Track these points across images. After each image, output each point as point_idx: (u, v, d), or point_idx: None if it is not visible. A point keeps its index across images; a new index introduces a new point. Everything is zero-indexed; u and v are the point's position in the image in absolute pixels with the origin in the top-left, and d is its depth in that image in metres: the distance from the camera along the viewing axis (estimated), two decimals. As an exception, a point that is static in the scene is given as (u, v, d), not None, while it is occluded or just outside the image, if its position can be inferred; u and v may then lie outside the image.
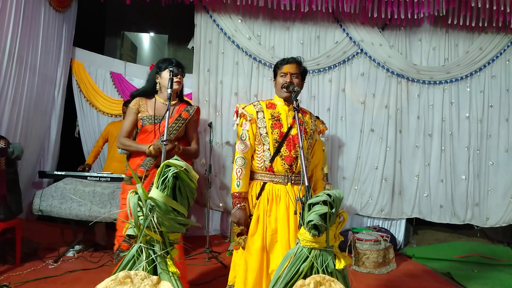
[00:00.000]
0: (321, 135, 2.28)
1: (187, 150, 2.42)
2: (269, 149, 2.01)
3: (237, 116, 2.13)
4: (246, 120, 2.08)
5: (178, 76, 2.35)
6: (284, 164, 1.99)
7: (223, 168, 4.80)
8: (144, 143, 2.32)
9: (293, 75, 2.09)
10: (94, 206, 3.31)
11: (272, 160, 1.99)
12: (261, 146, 2.04)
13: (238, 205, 1.99)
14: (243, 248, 1.99)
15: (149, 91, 2.42)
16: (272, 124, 2.04)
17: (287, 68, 2.09)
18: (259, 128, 2.05)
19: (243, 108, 2.11)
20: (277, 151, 1.99)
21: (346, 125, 4.76)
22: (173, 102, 2.42)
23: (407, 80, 4.75)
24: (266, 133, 2.03)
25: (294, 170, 2.00)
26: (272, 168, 2.00)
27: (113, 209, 3.28)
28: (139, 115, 2.36)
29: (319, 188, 2.17)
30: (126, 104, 4.01)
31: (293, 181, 2.01)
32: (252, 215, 2.00)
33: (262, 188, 2.01)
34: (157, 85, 2.40)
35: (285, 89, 2.04)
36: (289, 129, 2.04)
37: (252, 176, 2.08)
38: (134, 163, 2.32)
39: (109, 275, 1.23)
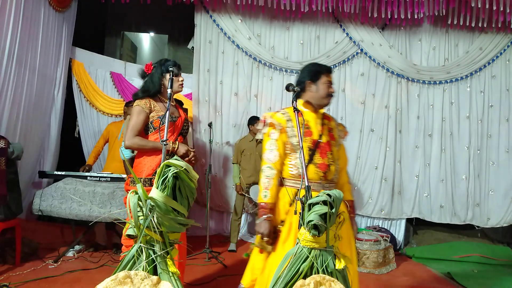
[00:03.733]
0: (342, 139, 2.25)
1: None
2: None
3: (264, 125, 2.05)
4: (275, 129, 2.00)
5: (180, 79, 2.35)
6: (319, 171, 1.95)
7: (223, 168, 4.80)
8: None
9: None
10: (94, 206, 3.31)
11: (306, 168, 1.93)
12: (293, 154, 1.99)
13: (264, 216, 1.90)
14: (269, 253, 1.96)
15: (155, 92, 2.36)
16: (303, 132, 1.97)
17: (330, 77, 2.06)
18: (290, 137, 2.00)
19: (271, 117, 2.03)
20: (310, 159, 1.96)
21: (346, 125, 4.72)
22: (173, 103, 2.45)
23: (407, 80, 4.75)
24: (298, 142, 1.96)
25: (327, 177, 1.98)
26: (306, 176, 1.94)
27: (113, 209, 3.28)
28: (153, 114, 2.31)
29: (346, 191, 2.13)
30: (127, 104, 4.00)
31: (326, 188, 1.97)
32: (284, 222, 1.96)
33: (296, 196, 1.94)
34: (163, 86, 2.36)
35: (330, 97, 2.03)
36: (320, 136, 2.01)
37: (283, 183, 2.01)
38: (149, 167, 2.25)
39: (109, 275, 1.23)
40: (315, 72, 2.06)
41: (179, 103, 2.59)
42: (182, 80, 2.38)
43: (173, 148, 2.26)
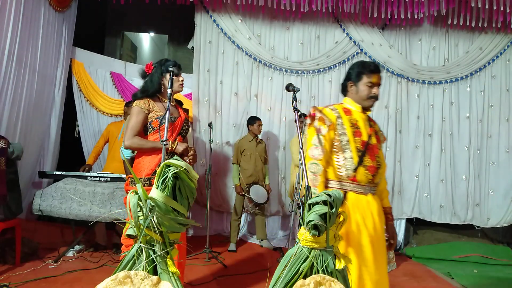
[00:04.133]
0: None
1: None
2: (352, 158, 1.89)
3: (313, 119, 1.97)
4: (325, 125, 1.92)
5: (181, 79, 2.34)
6: (368, 174, 1.89)
7: (223, 168, 4.80)
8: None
9: (378, 86, 1.99)
10: (94, 206, 3.31)
11: (355, 169, 1.89)
12: (341, 154, 1.91)
13: None
14: None
15: (154, 92, 2.35)
16: (353, 131, 1.93)
17: (376, 78, 1.96)
18: (340, 135, 1.92)
19: (320, 111, 1.95)
20: (361, 161, 1.89)
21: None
22: (173, 103, 2.43)
23: (407, 80, 4.75)
24: (348, 140, 1.91)
25: (374, 180, 1.92)
26: (355, 177, 1.89)
27: (113, 209, 3.28)
28: (152, 114, 2.29)
29: (385, 198, 2.09)
30: (128, 104, 4.00)
31: (372, 191, 1.94)
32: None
33: (344, 198, 1.83)
34: (163, 86, 2.34)
35: (371, 99, 1.95)
36: (369, 138, 1.95)
37: (329, 184, 1.94)
38: (148, 167, 2.25)
39: (109, 275, 1.23)
40: (357, 72, 1.99)
41: (179, 103, 2.58)
42: (182, 80, 2.37)
43: (171, 147, 2.25)
